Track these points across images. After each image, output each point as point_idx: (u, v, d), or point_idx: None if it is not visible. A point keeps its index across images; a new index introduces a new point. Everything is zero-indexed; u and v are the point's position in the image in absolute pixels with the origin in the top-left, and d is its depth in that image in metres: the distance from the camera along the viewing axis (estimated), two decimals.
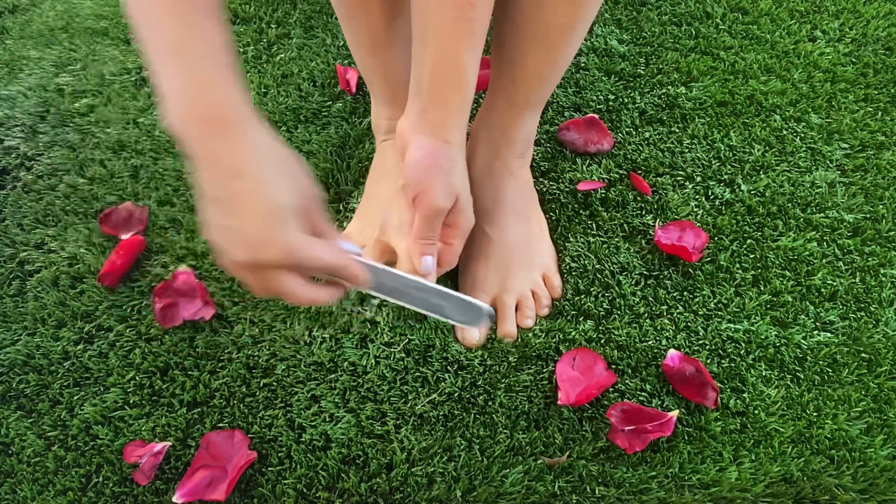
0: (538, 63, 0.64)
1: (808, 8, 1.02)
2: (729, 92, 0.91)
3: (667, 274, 0.74)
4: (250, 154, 0.45)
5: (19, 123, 0.89)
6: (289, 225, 0.46)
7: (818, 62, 0.94)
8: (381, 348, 0.70)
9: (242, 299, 0.73)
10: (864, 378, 0.68)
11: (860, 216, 0.79)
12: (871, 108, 0.89)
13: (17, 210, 0.81)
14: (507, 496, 0.61)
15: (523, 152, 0.74)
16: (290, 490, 0.62)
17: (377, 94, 0.76)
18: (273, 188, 0.45)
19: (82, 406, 0.67)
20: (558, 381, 0.66)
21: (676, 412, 0.64)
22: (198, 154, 0.45)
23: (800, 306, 0.72)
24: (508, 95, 0.68)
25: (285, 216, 0.46)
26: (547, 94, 0.70)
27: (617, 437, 0.64)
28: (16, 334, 0.71)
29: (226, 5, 1.02)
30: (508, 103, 0.69)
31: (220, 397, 0.67)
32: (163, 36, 0.44)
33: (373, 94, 0.78)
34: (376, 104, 0.78)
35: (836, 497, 0.61)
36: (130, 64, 0.95)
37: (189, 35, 0.44)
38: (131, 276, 0.75)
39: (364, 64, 0.72)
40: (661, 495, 0.61)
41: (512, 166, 0.73)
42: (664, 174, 0.82)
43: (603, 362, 0.68)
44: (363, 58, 0.71)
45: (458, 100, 0.53)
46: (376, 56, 0.69)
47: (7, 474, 0.64)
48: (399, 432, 0.65)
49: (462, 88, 0.53)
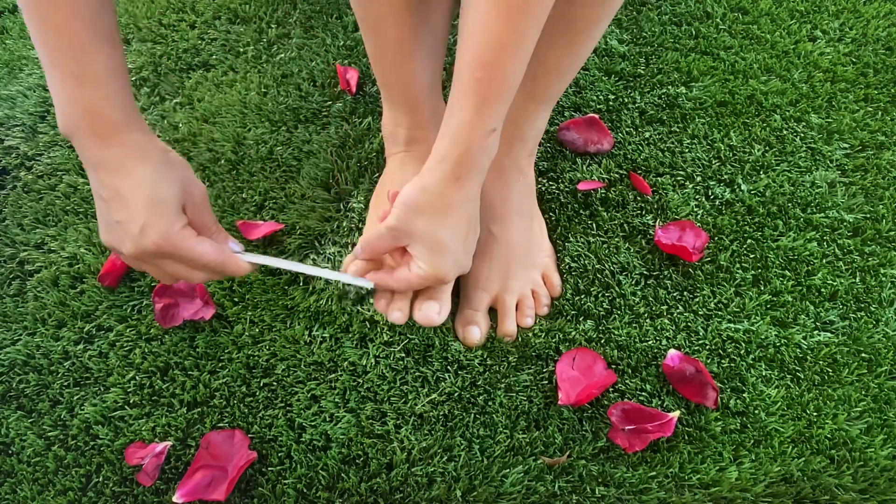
0: (560, 57, 0.64)
1: (808, 8, 1.02)
2: (729, 92, 0.91)
3: (667, 274, 0.74)
4: (133, 156, 0.50)
5: (19, 123, 0.89)
6: (170, 216, 0.50)
7: (818, 62, 0.94)
8: (381, 348, 0.70)
9: (242, 299, 0.73)
10: (864, 378, 0.68)
11: (860, 216, 0.79)
12: (871, 107, 0.89)
13: (17, 210, 0.81)
14: (507, 496, 0.61)
15: (533, 149, 0.74)
16: (290, 490, 0.62)
17: (397, 104, 0.73)
18: (154, 184, 0.50)
19: (82, 406, 0.67)
20: (558, 381, 0.66)
21: (677, 413, 0.64)
22: (87, 159, 0.50)
23: (800, 306, 0.72)
24: (526, 91, 0.66)
25: (166, 208, 0.50)
26: (563, 88, 0.69)
27: (617, 436, 0.64)
28: (16, 334, 0.71)
29: (227, 5, 1.02)
30: (525, 99, 0.68)
31: (220, 397, 0.67)
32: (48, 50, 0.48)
33: (391, 103, 0.74)
34: (395, 112, 0.74)
35: (837, 497, 0.61)
36: (130, 64, 0.95)
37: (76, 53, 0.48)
38: (131, 276, 0.75)
39: (386, 73, 0.70)
40: (661, 495, 0.61)
41: (522, 164, 0.73)
42: (664, 174, 0.82)
43: (602, 362, 0.68)
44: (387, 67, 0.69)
45: (444, 152, 0.53)
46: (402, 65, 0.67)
47: (7, 474, 0.64)
48: (399, 432, 0.65)
49: (452, 144, 0.52)
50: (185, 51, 0.97)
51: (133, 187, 0.49)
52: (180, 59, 0.96)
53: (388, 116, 0.76)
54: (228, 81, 0.93)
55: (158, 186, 0.50)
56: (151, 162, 0.50)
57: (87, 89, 0.48)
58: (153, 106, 0.90)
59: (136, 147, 0.50)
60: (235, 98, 0.90)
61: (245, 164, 0.84)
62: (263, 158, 0.84)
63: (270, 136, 0.86)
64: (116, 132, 0.49)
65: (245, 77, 0.93)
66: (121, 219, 0.50)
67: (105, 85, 0.49)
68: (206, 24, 1.00)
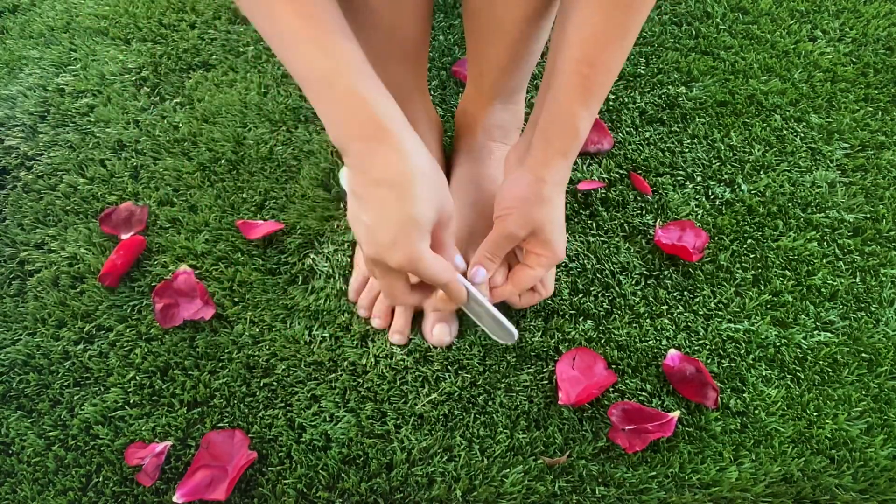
0: (497, 56, 0.67)
1: (808, 8, 1.02)
2: (729, 92, 0.91)
3: (667, 274, 0.74)
4: (402, 168, 0.47)
5: (19, 123, 0.89)
6: (419, 238, 0.48)
7: (818, 62, 0.94)
8: (381, 348, 0.70)
9: (242, 299, 0.73)
10: (864, 378, 0.68)
11: (860, 216, 0.79)
12: (871, 107, 0.89)
13: (17, 210, 0.81)
14: (507, 496, 0.61)
15: (502, 137, 0.77)
16: (290, 490, 0.62)
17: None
18: (416, 204, 0.48)
19: (82, 406, 0.67)
20: (558, 381, 0.66)
21: (678, 413, 0.64)
22: (352, 163, 0.49)
23: (800, 306, 0.72)
24: (477, 85, 0.73)
25: (419, 231, 0.48)
26: (516, 84, 0.73)
27: (617, 436, 0.64)
28: (16, 334, 0.71)
29: (227, 5, 1.02)
30: (477, 93, 0.74)
31: (220, 397, 0.67)
32: (309, 66, 0.47)
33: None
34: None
35: (837, 497, 0.61)
36: (130, 64, 0.95)
37: (333, 61, 0.46)
38: (131, 276, 0.75)
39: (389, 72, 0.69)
40: (661, 495, 0.61)
41: (491, 146, 0.76)
42: (664, 174, 0.82)
43: (603, 362, 0.67)
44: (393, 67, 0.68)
45: (562, 145, 0.57)
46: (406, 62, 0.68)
47: (7, 474, 0.64)
48: (399, 432, 0.65)
49: (567, 137, 0.57)
50: (186, 51, 0.97)
51: (395, 202, 0.47)
52: (180, 59, 0.96)
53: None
54: (228, 81, 0.93)
55: (420, 210, 0.48)
56: (420, 179, 0.48)
57: (359, 98, 0.47)
58: (153, 106, 0.90)
59: (406, 157, 0.47)
60: (235, 98, 0.90)
61: (245, 164, 0.84)
62: (263, 158, 0.84)
63: (270, 136, 0.86)
64: (388, 137, 0.47)
65: (245, 77, 0.93)
66: (370, 223, 0.49)
67: (372, 90, 0.48)
68: (206, 24, 1.00)
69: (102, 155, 0.85)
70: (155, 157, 0.85)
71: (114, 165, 0.84)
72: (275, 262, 0.75)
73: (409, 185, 0.47)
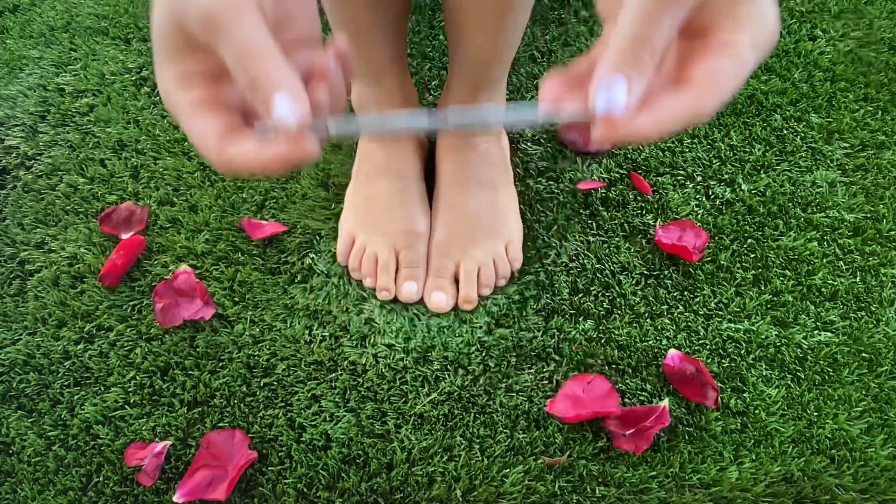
0: (476, 47, 0.67)
1: (808, 7, 1.01)
2: None
3: (667, 273, 0.74)
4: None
5: (19, 123, 0.89)
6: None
7: (818, 61, 0.94)
8: (381, 347, 0.70)
9: (242, 299, 0.73)
10: (864, 378, 0.68)
11: (861, 216, 0.79)
12: (871, 107, 0.89)
13: (17, 210, 0.81)
14: (507, 496, 0.61)
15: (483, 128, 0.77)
16: (290, 490, 0.62)
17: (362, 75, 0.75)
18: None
19: (83, 406, 0.67)
20: (561, 393, 0.66)
21: (666, 401, 0.64)
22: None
23: (800, 306, 0.72)
24: (458, 77, 0.73)
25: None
26: (496, 76, 0.73)
27: (622, 443, 0.63)
28: (16, 334, 0.71)
29: None
30: (459, 84, 0.74)
31: (220, 397, 0.67)
32: None
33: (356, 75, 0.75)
34: (358, 85, 0.78)
35: (837, 497, 0.61)
36: (131, 63, 0.95)
37: None
38: (131, 276, 0.75)
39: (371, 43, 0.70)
40: (661, 495, 0.61)
41: (474, 141, 0.76)
42: (664, 174, 0.82)
43: (616, 397, 0.65)
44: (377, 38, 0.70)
45: None
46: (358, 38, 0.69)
47: (7, 474, 0.64)
48: (399, 432, 0.65)
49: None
50: None
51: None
52: None
53: (353, 89, 0.79)
54: None
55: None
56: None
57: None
58: (153, 106, 0.90)
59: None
60: None
61: None
62: None
63: None
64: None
65: None
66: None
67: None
68: None
69: (102, 154, 0.85)
70: (155, 156, 0.85)
71: (114, 165, 0.84)
72: (275, 262, 0.75)
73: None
